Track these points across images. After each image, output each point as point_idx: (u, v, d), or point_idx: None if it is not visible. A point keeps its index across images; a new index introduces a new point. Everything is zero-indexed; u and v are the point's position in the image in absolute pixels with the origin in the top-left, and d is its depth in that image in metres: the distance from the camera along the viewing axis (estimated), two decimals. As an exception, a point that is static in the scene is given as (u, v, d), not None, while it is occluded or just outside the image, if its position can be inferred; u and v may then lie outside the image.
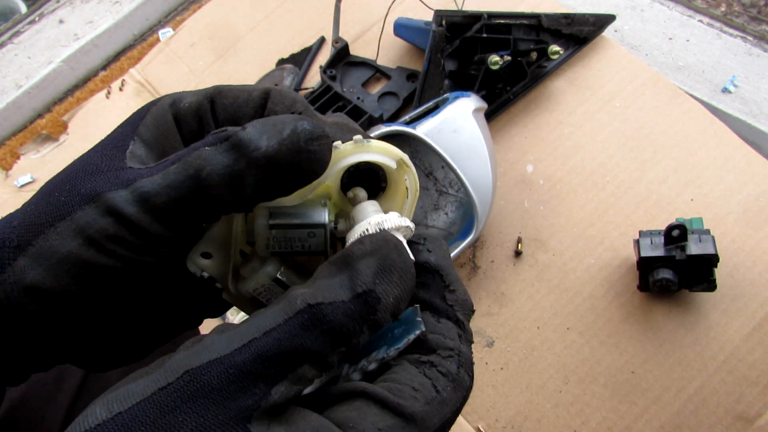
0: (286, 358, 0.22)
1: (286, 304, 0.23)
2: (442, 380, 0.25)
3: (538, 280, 0.78)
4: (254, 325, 0.23)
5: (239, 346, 0.22)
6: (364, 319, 0.23)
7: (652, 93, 0.86)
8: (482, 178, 0.71)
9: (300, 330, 0.22)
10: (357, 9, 1.04)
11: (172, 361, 0.22)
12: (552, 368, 0.73)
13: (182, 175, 0.25)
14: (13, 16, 1.54)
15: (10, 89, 1.41)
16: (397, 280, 0.24)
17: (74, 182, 0.26)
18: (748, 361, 0.69)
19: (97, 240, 0.24)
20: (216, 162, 0.25)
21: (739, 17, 1.17)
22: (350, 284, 0.23)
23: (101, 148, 0.28)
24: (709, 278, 0.68)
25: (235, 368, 0.22)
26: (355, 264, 0.24)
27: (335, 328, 0.23)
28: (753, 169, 0.79)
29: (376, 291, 0.23)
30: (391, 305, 0.24)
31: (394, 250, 0.25)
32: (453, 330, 0.27)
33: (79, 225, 0.25)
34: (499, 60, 0.81)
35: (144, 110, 0.30)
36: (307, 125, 0.25)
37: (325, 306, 0.23)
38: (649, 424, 0.68)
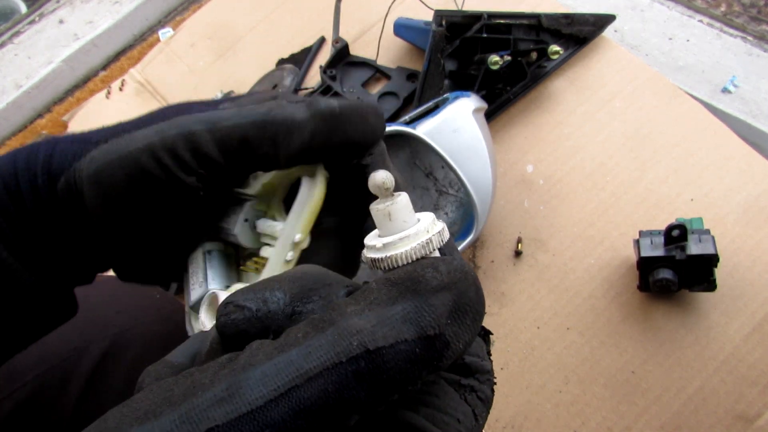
0: (332, 412, 0.18)
1: (337, 340, 0.19)
2: (480, 406, 0.24)
3: (538, 280, 0.78)
4: (295, 363, 0.18)
5: (276, 396, 0.18)
6: (426, 366, 0.19)
7: (651, 93, 0.86)
8: (482, 178, 0.71)
9: (354, 381, 0.18)
10: (357, 9, 1.04)
11: (190, 405, 0.18)
12: (552, 368, 0.73)
13: (260, 111, 0.27)
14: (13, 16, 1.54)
15: (10, 89, 1.41)
16: (470, 323, 0.20)
17: (165, 111, 0.29)
18: (748, 361, 0.69)
19: (157, 148, 0.27)
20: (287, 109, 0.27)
21: (739, 17, 1.17)
22: (418, 321, 0.19)
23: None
24: (709, 278, 0.68)
25: (271, 427, 0.18)
26: (427, 297, 0.20)
27: (395, 377, 0.19)
28: (753, 169, 0.79)
29: (446, 334, 0.20)
30: (459, 351, 0.20)
31: (473, 287, 0.21)
32: (483, 347, 0.26)
33: (148, 133, 0.27)
34: (499, 60, 0.81)
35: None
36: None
37: (386, 351, 0.19)
38: (649, 424, 0.68)
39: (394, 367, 0.19)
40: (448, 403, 0.23)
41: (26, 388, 0.54)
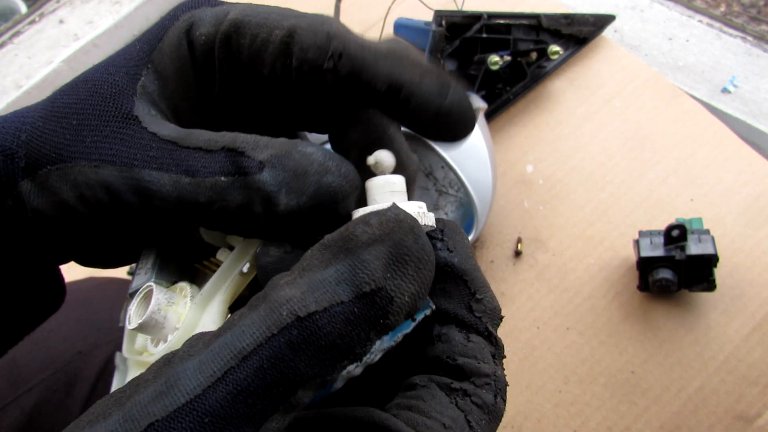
0: (273, 389, 0.18)
1: (267, 314, 0.18)
2: (476, 413, 0.22)
3: (538, 280, 0.78)
4: (230, 345, 0.18)
5: (213, 382, 0.17)
6: (371, 325, 0.18)
7: (651, 93, 0.86)
8: (482, 178, 0.71)
9: (289, 352, 0.18)
10: (357, 9, 1.04)
11: (135, 404, 0.18)
12: (552, 368, 0.73)
13: (193, 195, 0.23)
14: (13, 16, 1.54)
15: (10, 89, 1.41)
16: (414, 273, 0.19)
17: (84, 116, 0.25)
18: (748, 361, 0.69)
19: (91, 203, 0.25)
20: (231, 199, 0.22)
21: (739, 17, 1.17)
22: (353, 279, 0.18)
23: (116, 68, 0.26)
24: (708, 278, 0.68)
25: (211, 415, 0.17)
26: (359, 253, 0.19)
27: (336, 341, 0.18)
28: (753, 169, 0.79)
29: (386, 288, 0.18)
30: (407, 305, 0.19)
31: (410, 235, 0.19)
32: (486, 349, 0.24)
33: (77, 181, 0.24)
34: (499, 60, 0.81)
35: (162, 28, 0.27)
36: (334, 183, 0.22)
37: (319, 315, 0.18)
38: (649, 424, 0.68)
39: (332, 331, 0.18)
40: (434, 407, 0.22)
41: (32, 393, 0.54)
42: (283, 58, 0.24)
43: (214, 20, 0.26)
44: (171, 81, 0.26)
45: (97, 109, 0.25)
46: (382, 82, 0.23)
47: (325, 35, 0.23)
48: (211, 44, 0.26)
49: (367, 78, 0.23)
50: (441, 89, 0.23)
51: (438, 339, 0.24)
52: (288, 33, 0.24)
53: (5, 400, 0.53)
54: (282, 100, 0.27)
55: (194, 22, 0.26)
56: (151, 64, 0.26)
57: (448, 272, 0.24)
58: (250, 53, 0.25)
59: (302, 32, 0.24)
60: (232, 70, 0.26)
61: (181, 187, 0.23)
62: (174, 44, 0.26)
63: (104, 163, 0.24)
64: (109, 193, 0.24)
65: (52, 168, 0.25)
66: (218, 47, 0.25)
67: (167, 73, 0.26)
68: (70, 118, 0.25)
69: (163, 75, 0.26)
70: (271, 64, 0.25)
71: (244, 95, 0.27)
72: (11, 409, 0.53)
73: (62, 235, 0.27)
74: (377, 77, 0.23)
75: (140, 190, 0.23)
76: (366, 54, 0.23)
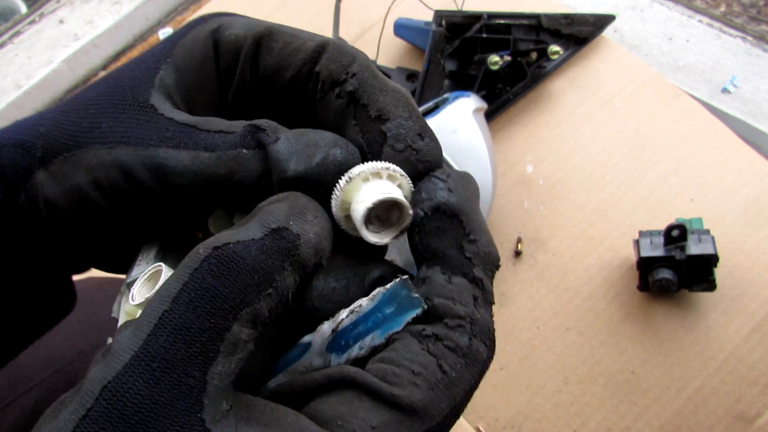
0: (206, 323, 0.18)
1: (188, 259, 0.20)
2: (449, 357, 0.22)
3: (538, 280, 0.78)
4: (158, 297, 0.19)
5: (151, 330, 0.18)
6: (284, 256, 0.20)
7: (652, 93, 0.86)
8: (482, 178, 0.71)
9: (212, 279, 0.19)
10: (357, 9, 1.04)
11: (86, 381, 0.19)
12: (552, 368, 0.73)
13: (213, 169, 0.24)
14: (13, 16, 1.54)
15: (10, 89, 1.41)
16: (312, 219, 0.22)
17: (102, 105, 0.26)
18: (748, 361, 0.69)
19: (103, 186, 0.25)
20: (251, 170, 0.24)
21: (739, 17, 1.17)
22: (260, 225, 0.21)
23: (138, 64, 0.27)
24: (708, 278, 0.68)
25: (157, 359, 0.18)
26: (262, 209, 0.21)
27: (252, 266, 0.19)
28: (753, 169, 0.79)
29: (291, 228, 0.21)
30: (313, 241, 0.21)
31: (302, 197, 0.22)
32: (467, 291, 0.23)
33: (91, 164, 0.25)
34: (499, 60, 0.81)
35: (188, 28, 0.28)
36: (340, 155, 0.23)
37: (234, 245, 0.20)
38: (649, 424, 0.68)
39: (247, 257, 0.19)
40: (404, 355, 0.21)
41: (32, 394, 0.54)
42: (311, 64, 0.26)
43: (245, 26, 0.27)
44: (189, 74, 0.27)
45: (114, 99, 0.26)
46: (374, 109, 0.25)
47: (351, 57, 0.26)
48: (238, 44, 0.27)
49: (363, 101, 0.25)
50: (419, 131, 0.25)
51: (422, 282, 0.24)
52: (321, 45, 0.26)
53: (5, 400, 0.53)
54: (291, 105, 0.28)
55: (223, 24, 0.28)
56: (171, 58, 0.27)
57: (444, 210, 0.24)
58: (279, 56, 0.26)
59: (332, 48, 0.26)
60: (255, 70, 0.27)
61: (200, 161, 0.24)
62: (198, 39, 0.27)
63: (119, 144, 0.25)
64: (123, 173, 0.25)
65: (68, 155, 0.26)
66: (248, 47, 0.27)
67: (185, 66, 0.27)
68: (88, 108, 0.26)
69: (180, 68, 0.27)
70: (299, 69, 0.26)
71: (258, 96, 0.28)
72: (11, 409, 0.53)
73: (74, 229, 0.27)
74: (371, 104, 0.25)
75: (156, 167, 0.24)
76: (373, 82, 0.25)
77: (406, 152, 0.24)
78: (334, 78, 0.25)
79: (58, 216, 0.26)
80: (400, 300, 0.23)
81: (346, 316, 0.22)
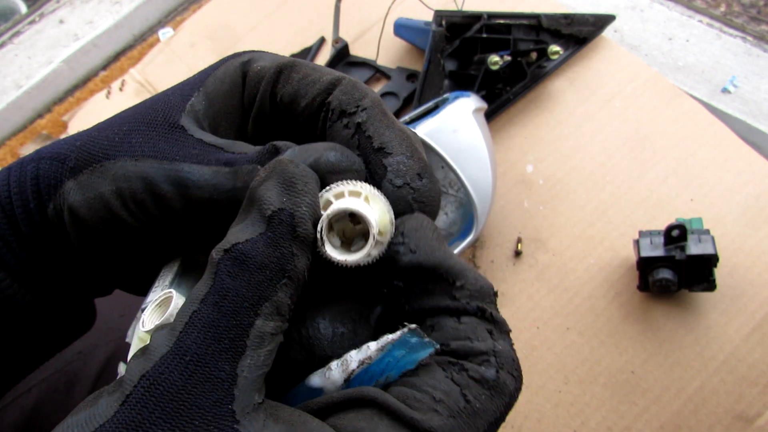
0: (231, 320, 0.20)
1: (208, 265, 0.22)
2: (474, 387, 0.22)
3: (538, 280, 0.78)
4: (189, 300, 0.21)
5: (183, 328, 0.20)
6: (289, 239, 0.21)
7: (652, 93, 0.86)
8: (482, 178, 0.71)
9: (230, 280, 0.21)
10: (357, 9, 1.04)
11: (126, 372, 0.20)
12: (552, 368, 0.73)
13: (230, 181, 0.25)
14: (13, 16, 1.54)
15: (10, 89, 1.41)
16: (302, 188, 0.22)
17: (134, 123, 0.28)
18: (748, 361, 0.69)
19: (125, 196, 0.26)
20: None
21: (739, 17, 1.17)
22: (259, 215, 0.22)
23: (174, 90, 0.29)
24: (708, 278, 0.68)
25: (189, 353, 0.20)
26: (256, 194, 0.22)
27: (263, 261, 0.21)
28: (753, 169, 0.79)
29: (286, 208, 0.22)
30: (307, 214, 0.22)
31: (289, 164, 0.23)
32: (480, 327, 0.23)
33: (117, 174, 0.26)
34: (499, 60, 0.81)
35: (221, 61, 0.31)
36: (333, 157, 0.24)
37: (242, 245, 0.21)
38: (649, 424, 0.68)
39: (257, 253, 0.21)
40: (426, 381, 0.22)
41: (32, 394, 0.54)
42: (325, 95, 0.27)
43: (272, 59, 0.30)
44: (217, 102, 0.29)
45: (147, 118, 0.28)
46: (378, 141, 0.26)
47: (363, 93, 0.27)
48: (263, 73, 0.29)
49: (369, 133, 0.26)
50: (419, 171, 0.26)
51: (432, 329, 0.24)
52: (337, 79, 0.28)
53: (5, 400, 0.53)
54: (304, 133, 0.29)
55: (254, 58, 0.30)
56: (203, 87, 0.29)
57: (420, 272, 0.24)
58: (298, 85, 0.28)
59: (346, 83, 0.27)
60: (274, 97, 0.29)
61: (220, 175, 0.25)
62: (229, 70, 0.29)
63: (145, 157, 0.26)
64: (145, 184, 0.26)
65: (96, 166, 0.27)
66: (270, 75, 0.28)
67: (215, 94, 0.29)
68: (122, 125, 0.28)
69: (210, 96, 0.29)
70: (313, 98, 0.27)
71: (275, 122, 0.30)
72: (11, 410, 0.53)
73: (95, 241, 0.28)
74: (376, 137, 0.26)
75: (177, 180, 0.25)
76: (381, 118, 0.26)
77: (403, 189, 0.25)
78: (343, 108, 0.26)
79: (80, 226, 0.27)
80: (412, 345, 0.22)
81: (357, 366, 0.22)
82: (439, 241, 0.24)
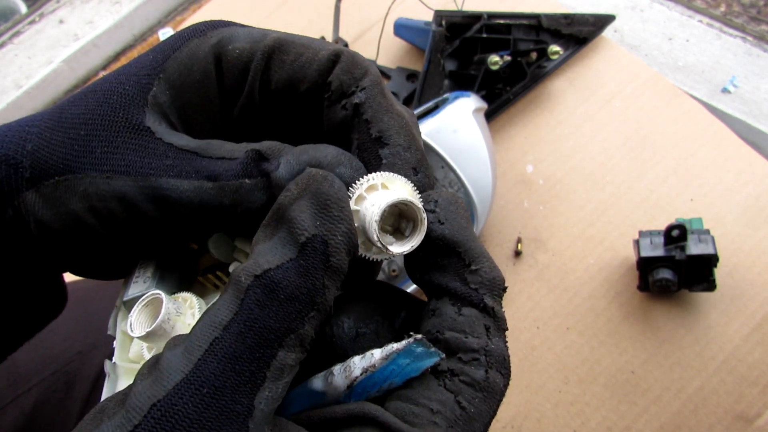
0: (256, 350, 0.19)
1: (233, 287, 0.20)
2: (467, 392, 0.22)
3: (538, 280, 0.78)
4: (209, 322, 0.20)
5: (201, 355, 0.19)
6: (320, 270, 0.20)
7: (652, 93, 0.86)
8: (482, 178, 0.71)
9: (258, 311, 0.19)
10: (357, 9, 1.04)
11: (133, 395, 0.19)
12: (552, 368, 0.73)
13: (217, 199, 0.23)
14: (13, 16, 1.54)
15: (10, 89, 1.41)
16: (338, 213, 0.21)
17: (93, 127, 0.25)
18: (747, 361, 0.69)
19: (102, 214, 0.25)
20: (255, 200, 0.23)
21: (739, 17, 1.17)
22: (291, 238, 0.20)
23: (127, 77, 0.26)
24: (708, 278, 0.68)
25: (207, 385, 0.18)
26: (288, 214, 0.21)
27: (294, 293, 0.20)
28: (753, 169, 0.79)
29: (320, 235, 0.20)
30: (342, 243, 0.21)
31: (324, 182, 0.21)
32: (478, 322, 0.23)
33: (88, 192, 0.24)
34: (499, 60, 0.81)
35: (179, 39, 0.27)
36: (346, 174, 0.23)
37: (273, 272, 0.20)
38: (649, 424, 0.68)
39: (288, 284, 0.20)
40: (421, 393, 0.22)
41: (31, 393, 0.54)
42: (326, 75, 0.25)
43: (249, 38, 0.26)
44: (186, 93, 0.26)
45: (106, 120, 0.25)
46: (375, 129, 0.25)
47: (364, 70, 0.25)
48: (245, 58, 0.26)
49: (367, 116, 0.25)
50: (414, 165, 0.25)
51: (432, 314, 0.24)
52: (335, 54, 0.25)
53: (5, 400, 0.53)
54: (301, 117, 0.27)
55: (224, 38, 0.26)
56: (163, 73, 0.26)
57: (440, 245, 0.23)
58: (292, 69, 0.26)
59: (346, 58, 0.25)
60: (266, 85, 0.26)
61: (203, 192, 0.23)
62: (197, 56, 0.26)
63: (117, 174, 0.24)
64: (123, 204, 0.24)
65: (60, 179, 0.25)
66: (258, 62, 0.26)
67: (182, 84, 0.26)
68: (78, 128, 0.25)
69: (176, 85, 0.26)
70: (314, 81, 0.26)
71: (267, 110, 0.27)
72: (11, 409, 0.53)
73: (65, 247, 0.26)
74: (374, 122, 0.25)
75: (158, 198, 0.24)
76: (381, 100, 0.25)
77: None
78: (344, 89, 0.25)
79: (51, 235, 0.26)
80: (417, 355, 0.22)
81: (360, 374, 0.22)
82: (467, 222, 0.24)
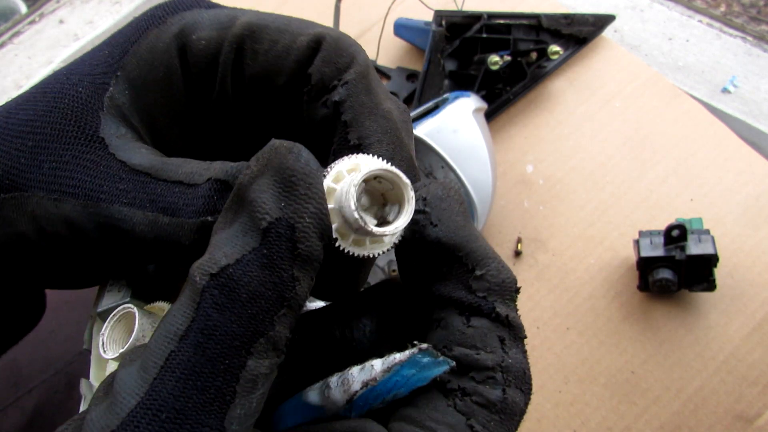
0: (219, 362, 0.16)
1: (188, 288, 0.17)
2: (481, 414, 0.19)
3: (538, 280, 0.78)
4: (164, 332, 0.16)
5: (157, 373, 0.16)
6: (288, 259, 0.17)
7: (652, 93, 0.86)
8: (482, 178, 0.71)
9: (217, 315, 0.16)
10: (357, 9, 1.04)
11: (87, 423, 0.17)
12: (552, 368, 0.73)
13: (174, 237, 0.20)
14: (13, 16, 1.54)
15: (10, 89, 1.41)
16: (306, 191, 0.17)
17: (41, 137, 0.22)
18: (747, 361, 0.69)
19: (51, 236, 0.22)
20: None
21: (739, 17, 1.17)
22: (252, 224, 0.17)
23: (80, 76, 0.23)
24: (708, 278, 0.68)
25: (166, 410, 0.15)
26: (248, 195, 0.17)
27: (258, 290, 0.16)
28: (753, 169, 0.79)
29: (284, 218, 0.17)
30: (312, 226, 0.17)
31: (289, 155, 0.17)
32: (491, 334, 0.20)
33: (35, 213, 0.22)
34: (499, 60, 0.81)
35: (136, 30, 0.23)
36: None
37: (232, 268, 0.16)
38: (649, 424, 0.68)
39: (251, 280, 0.16)
40: (429, 414, 0.19)
41: (32, 395, 0.54)
42: (306, 65, 0.22)
43: (215, 24, 0.23)
44: (148, 92, 0.23)
45: (56, 129, 0.22)
46: (355, 135, 0.21)
47: (348, 59, 0.22)
48: (212, 49, 0.23)
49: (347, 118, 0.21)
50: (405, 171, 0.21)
51: (437, 325, 0.21)
52: (315, 41, 0.22)
53: (6, 402, 0.53)
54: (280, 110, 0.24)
55: (187, 25, 0.23)
56: (121, 71, 0.23)
57: (437, 251, 0.20)
58: (266, 59, 0.23)
59: (328, 45, 0.22)
60: (239, 79, 0.23)
61: (159, 228, 0.20)
62: (157, 50, 0.23)
63: (65, 195, 0.21)
64: (72, 230, 0.22)
65: (6, 196, 0.22)
66: (227, 54, 0.23)
67: (144, 82, 0.23)
68: (25, 138, 0.22)
69: (136, 84, 0.23)
70: (292, 71, 0.22)
71: (242, 104, 0.24)
72: (12, 411, 0.53)
73: (19, 264, 0.24)
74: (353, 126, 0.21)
75: (108, 228, 0.21)
76: (364, 98, 0.21)
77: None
78: (325, 83, 0.22)
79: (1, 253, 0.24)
80: (423, 365, 0.20)
81: (360, 388, 0.20)
82: (465, 217, 0.21)
